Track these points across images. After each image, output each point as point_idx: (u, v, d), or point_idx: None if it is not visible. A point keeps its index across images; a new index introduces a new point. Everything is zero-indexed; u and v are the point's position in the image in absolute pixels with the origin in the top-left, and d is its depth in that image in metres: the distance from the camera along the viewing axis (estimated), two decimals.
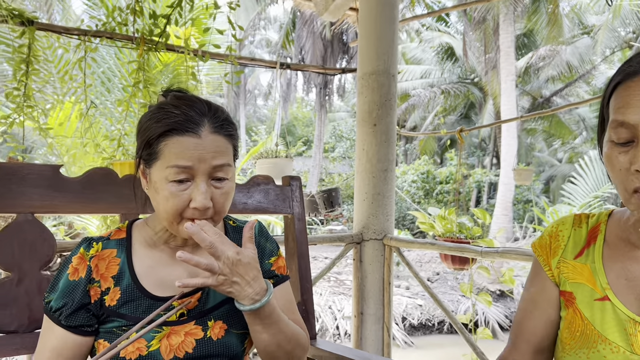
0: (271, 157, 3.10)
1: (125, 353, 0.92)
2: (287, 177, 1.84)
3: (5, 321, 1.34)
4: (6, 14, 2.10)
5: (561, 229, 1.01)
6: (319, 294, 9.80)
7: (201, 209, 0.92)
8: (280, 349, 1.00)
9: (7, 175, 1.41)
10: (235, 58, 2.48)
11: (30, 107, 2.17)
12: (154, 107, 0.97)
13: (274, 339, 0.99)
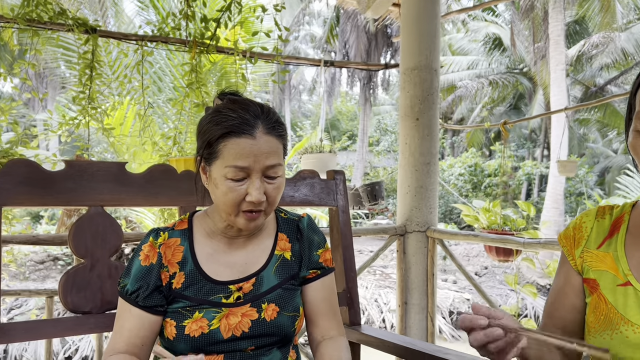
0: (316, 152, 3.20)
1: (190, 331, 1.03)
2: (332, 172, 1.93)
3: (81, 303, 1.49)
4: (72, 23, 2.28)
5: (585, 221, 1.07)
6: (365, 287, 9.88)
7: (256, 203, 1.03)
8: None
9: (79, 172, 1.56)
10: (281, 58, 2.59)
11: (94, 108, 2.34)
12: (212, 111, 1.08)
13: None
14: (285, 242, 1.19)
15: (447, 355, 1.49)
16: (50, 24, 2.27)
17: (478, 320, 0.86)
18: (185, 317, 1.05)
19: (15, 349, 7.09)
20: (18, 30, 2.23)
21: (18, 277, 9.21)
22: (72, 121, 2.26)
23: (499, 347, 0.85)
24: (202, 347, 1.04)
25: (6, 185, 1.44)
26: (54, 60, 6.66)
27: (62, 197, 1.54)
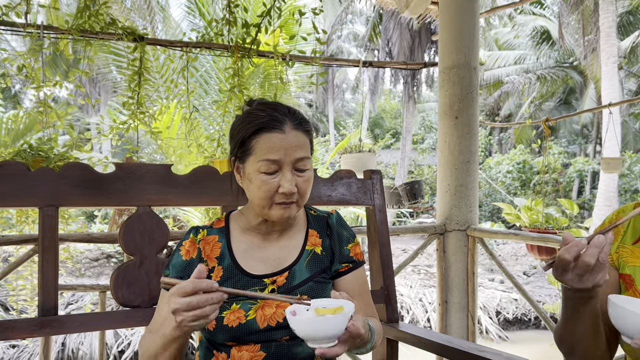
0: (355, 151, 3.24)
1: (228, 321, 1.10)
2: (368, 171, 1.97)
3: (131, 297, 1.59)
4: (121, 32, 2.40)
5: (621, 216, 1.06)
6: (409, 286, 9.82)
7: (288, 194, 1.10)
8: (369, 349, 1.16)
9: (128, 174, 1.66)
10: (319, 60, 2.64)
11: (143, 113, 2.46)
12: (243, 114, 1.17)
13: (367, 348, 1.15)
14: (316, 238, 1.24)
15: (483, 353, 1.50)
16: (102, 34, 2.39)
17: (580, 242, 0.92)
18: (223, 308, 1.11)
19: (72, 342, 7.45)
20: (72, 40, 2.37)
21: (74, 274, 9.66)
22: (123, 125, 2.38)
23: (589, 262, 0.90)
24: (240, 336, 1.10)
25: (62, 187, 1.55)
26: (106, 66, 6.95)
27: (113, 198, 1.65)
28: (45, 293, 1.50)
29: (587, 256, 0.90)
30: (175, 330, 0.95)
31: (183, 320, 0.89)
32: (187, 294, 0.89)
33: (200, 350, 1.21)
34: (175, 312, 0.89)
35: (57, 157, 2.11)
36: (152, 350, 1.04)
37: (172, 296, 0.90)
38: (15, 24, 2.28)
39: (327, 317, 0.94)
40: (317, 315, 0.96)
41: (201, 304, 0.89)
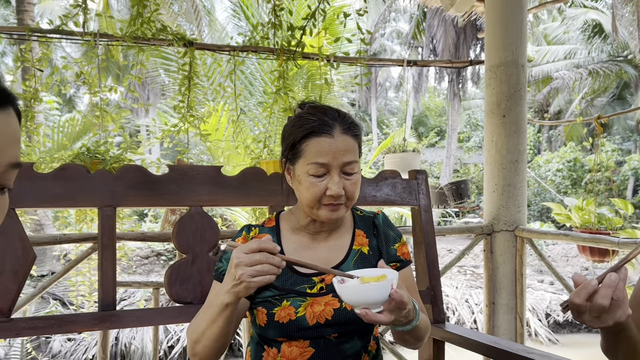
0: (399, 151, 3.23)
1: (279, 317, 1.14)
2: (413, 171, 1.97)
3: (184, 294, 1.65)
4: (172, 38, 2.49)
5: None
6: (455, 287, 9.68)
7: (335, 196, 1.13)
8: (415, 339, 1.19)
9: (181, 176, 1.73)
10: (364, 60, 2.65)
11: (192, 116, 2.54)
12: (295, 117, 1.20)
13: (414, 336, 1.17)
14: (363, 238, 1.27)
15: (531, 354, 1.49)
16: (153, 40, 2.49)
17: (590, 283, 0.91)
18: (274, 305, 1.15)
19: (125, 337, 7.72)
20: (126, 47, 2.47)
21: (127, 271, 10.01)
22: (174, 128, 2.47)
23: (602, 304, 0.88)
24: (290, 332, 1.14)
25: (119, 188, 1.63)
26: (155, 69, 7.16)
27: (166, 198, 1.72)
28: (104, 289, 1.58)
29: (599, 298, 0.88)
30: (230, 295, 1.01)
31: (243, 274, 0.95)
32: (252, 250, 0.96)
33: (251, 346, 1.25)
34: (238, 265, 0.95)
35: (113, 160, 2.20)
36: (201, 326, 1.10)
37: (237, 252, 0.97)
38: (74, 32, 2.40)
39: (371, 284, 0.98)
40: (362, 282, 1.00)
41: (263, 260, 0.95)
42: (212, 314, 1.06)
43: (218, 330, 1.07)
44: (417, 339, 1.17)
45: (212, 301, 1.09)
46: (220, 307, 1.04)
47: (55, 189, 1.57)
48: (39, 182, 1.55)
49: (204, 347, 1.10)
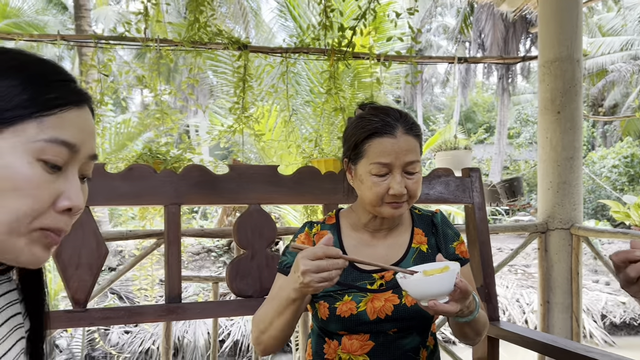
0: (450, 149, 3.22)
1: (341, 312, 1.18)
2: (467, 169, 1.98)
3: (244, 288, 1.72)
4: (227, 41, 2.58)
5: None
6: (505, 286, 9.49)
7: (398, 195, 1.16)
8: (475, 334, 1.21)
9: (239, 175, 1.80)
10: (414, 59, 2.67)
11: (247, 117, 2.62)
12: (357, 117, 1.24)
13: (473, 330, 1.19)
14: (421, 236, 1.29)
15: (589, 353, 1.47)
16: (209, 44, 2.58)
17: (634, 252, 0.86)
18: (336, 299, 1.20)
19: (178, 330, 7.98)
20: (181, 50, 2.57)
21: None
22: (230, 128, 2.56)
23: None
24: (351, 326, 1.18)
25: (183, 187, 1.72)
26: (203, 70, 7.33)
27: (226, 196, 1.79)
28: (170, 282, 1.67)
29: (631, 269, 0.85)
30: (296, 292, 1.05)
31: (311, 280, 0.99)
32: (317, 257, 0.99)
33: (312, 338, 1.30)
34: (305, 272, 0.99)
35: (173, 159, 2.31)
36: (268, 317, 1.15)
37: (303, 259, 1.00)
38: (136, 39, 2.52)
39: (437, 275, 1.01)
40: (425, 275, 1.03)
41: (329, 267, 0.99)
42: (279, 306, 1.12)
43: (284, 322, 1.12)
44: (477, 333, 1.20)
45: (278, 294, 1.15)
46: (287, 301, 1.10)
47: (124, 188, 1.67)
48: (110, 181, 1.65)
49: (270, 337, 1.16)
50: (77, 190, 0.62)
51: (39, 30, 10.92)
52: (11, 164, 0.56)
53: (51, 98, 0.59)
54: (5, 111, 0.57)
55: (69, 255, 1.55)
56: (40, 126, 0.58)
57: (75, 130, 0.61)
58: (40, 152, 0.57)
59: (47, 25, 14.48)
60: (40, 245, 0.60)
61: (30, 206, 0.57)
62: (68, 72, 0.65)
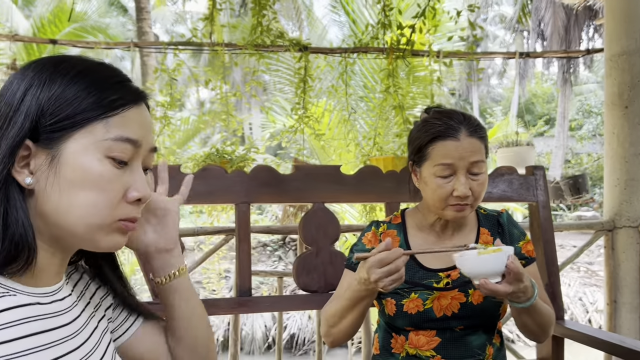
0: (512, 145, 3.17)
1: (408, 308, 1.23)
2: (531, 167, 1.97)
3: (310, 283, 1.79)
4: (288, 43, 2.65)
5: None
6: (567, 284, 9.19)
7: (462, 197, 1.19)
8: (537, 326, 1.23)
9: (305, 175, 1.87)
10: (475, 56, 2.65)
11: (307, 117, 2.69)
12: (421, 122, 1.28)
13: (535, 322, 1.21)
14: (487, 236, 1.31)
15: None
16: (272, 47, 2.67)
17: None
18: (403, 297, 1.24)
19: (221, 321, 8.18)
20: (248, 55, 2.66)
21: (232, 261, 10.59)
22: (291, 128, 2.64)
23: None
24: (418, 323, 1.23)
25: (252, 186, 1.80)
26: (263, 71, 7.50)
27: (292, 195, 1.87)
28: (241, 277, 1.76)
29: None
30: (367, 291, 1.12)
31: (385, 285, 1.06)
32: (384, 263, 1.05)
33: (379, 333, 1.35)
34: (377, 280, 1.05)
35: (239, 159, 2.41)
36: (338, 313, 1.21)
37: (372, 268, 1.06)
38: (203, 43, 2.63)
39: (488, 255, 1.06)
40: (480, 255, 1.08)
41: (398, 268, 1.05)
42: (349, 303, 1.18)
43: (354, 318, 1.19)
44: (539, 326, 1.21)
45: (347, 292, 1.20)
46: (357, 300, 1.16)
47: (199, 187, 1.77)
48: None
49: (339, 331, 1.22)
50: (143, 182, 0.68)
51: (102, 33, 11.45)
52: (85, 163, 0.62)
53: (114, 99, 0.65)
54: (75, 115, 0.62)
55: None
56: (107, 126, 0.64)
57: (137, 126, 0.67)
58: (109, 150, 0.64)
59: (109, 27, 15.11)
60: (119, 232, 0.68)
61: (106, 199, 0.64)
62: (124, 73, 0.71)
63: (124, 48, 2.54)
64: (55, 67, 0.64)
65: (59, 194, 0.61)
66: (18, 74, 0.65)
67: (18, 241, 0.59)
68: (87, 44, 2.51)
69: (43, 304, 0.64)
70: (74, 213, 0.62)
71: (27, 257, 0.60)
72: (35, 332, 0.60)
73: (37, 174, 0.62)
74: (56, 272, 0.68)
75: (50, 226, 0.63)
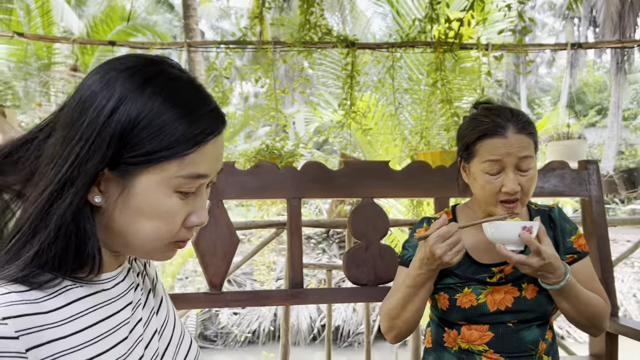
0: (563, 138, 3.10)
1: (461, 303, 1.25)
2: (584, 162, 1.94)
3: (359, 276, 1.83)
4: (335, 40, 2.69)
5: None
6: (620, 280, 8.89)
7: (511, 193, 1.20)
8: (580, 314, 1.23)
9: (353, 171, 1.91)
10: (524, 48, 2.61)
11: (354, 112, 2.72)
12: (469, 119, 1.29)
13: (574, 308, 1.21)
14: None
15: None
16: (319, 43, 2.71)
17: None
18: (456, 291, 1.26)
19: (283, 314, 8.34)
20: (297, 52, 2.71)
21: (281, 253, 10.76)
22: (339, 123, 2.68)
23: None
24: (471, 317, 1.24)
25: (303, 182, 1.86)
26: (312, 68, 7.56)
27: (341, 191, 1.91)
28: (294, 269, 1.82)
29: None
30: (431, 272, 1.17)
31: (451, 258, 1.12)
32: (446, 237, 1.11)
33: (432, 327, 1.38)
34: (443, 254, 1.11)
35: (288, 154, 2.47)
36: (399, 304, 1.25)
37: (435, 244, 1.12)
38: (252, 42, 2.70)
39: (506, 222, 1.15)
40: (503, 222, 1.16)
41: (458, 240, 1.12)
42: (410, 291, 1.21)
43: (416, 306, 1.22)
44: (582, 314, 1.21)
45: (407, 280, 1.23)
46: (419, 285, 1.20)
47: (252, 183, 1.83)
48: (239, 177, 1.83)
49: (403, 322, 1.25)
50: (204, 209, 0.70)
51: (150, 31, 11.75)
52: (155, 198, 0.64)
53: (198, 133, 0.64)
54: (155, 152, 0.62)
55: (206, 245, 1.75)
56: (181, 164, 0.63)
57: (210, 161, 0.67)
58: (178, 186, 0.65)
59: (157, 24, 15.47)
60: (172, 251, 0.72)
61: (169, 228, 0.67)
62: (211, 95, 0.70)
63: (177, 49, 2.64)
64: (146, 82, 0.63)
65: (125, 219, 0.65)
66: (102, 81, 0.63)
67: (86, 254, 0.63)
68: (143, 45, 2.62)
69: (107, 290, 0.69)
70: (138, 237, 0.66)
71: (92, 267, 0.64)
72: (103, 319, 0.66)
73: (106, 195, 0.64)
74: (118, 260, 0.74)
75: (114, 239, 0.68)
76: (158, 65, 0.65)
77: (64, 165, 0.60)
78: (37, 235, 0.60)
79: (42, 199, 0.60)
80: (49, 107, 2.56)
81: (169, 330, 0.80)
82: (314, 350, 7.73)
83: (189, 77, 0.68)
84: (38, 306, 0.58)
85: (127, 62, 0.65)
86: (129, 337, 0.69)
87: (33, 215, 0.60)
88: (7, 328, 0.53)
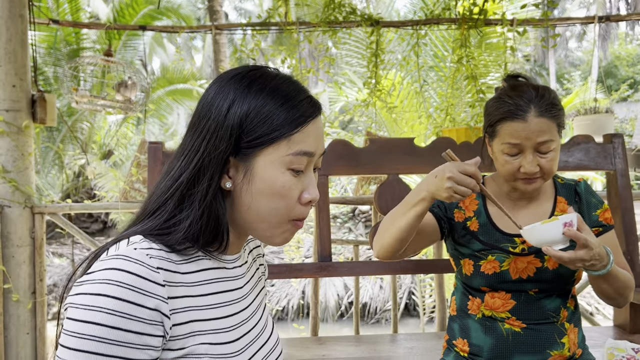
0: (590, 113, 3.07)
1: (485, 269, 1.30)
2: (609, 135, 1.95)
3: None
4: (360, 19, 2.71)
5: None
6: None
7: (529, 174, 1.25)
8: (615, 292, 1.26)
9: (379, 148, 1.96)
10: (550, 22, 2.60)
11: (379, 90, 2.75)
12: (495, 97, 1.32)
13: (612, 287, 1.25)
14: (564, 205, 1.35)
15: None
16: (344, 23, 2.74)
17: None
18: (480, 258, 1.31)
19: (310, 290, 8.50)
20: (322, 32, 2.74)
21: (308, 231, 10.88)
22: (364, 102, 2.71)
23: None
24: (494, 283, 1.30)
25: (331, 159, 1.92)
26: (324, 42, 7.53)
27: (367, 167, 1.97)
28: (322, 244, 1.89)
29: None
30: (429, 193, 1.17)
31: (451, 187, 1.12)
32: (467, 172, 1.12)
33: (456, 295, 1.43)
34: (450, 178, 1.11)
35: None
36: (392, 216, 1.28)
37: (453, 167, 1.13)
38: (278, 23, 2.74)
39: (546, 225, 1.12)
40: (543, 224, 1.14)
41: (469, 185, 1.12)
42: (406, 206, 1.23)
43: (405, 223, 1.22)
44: (617, 291, 1.24)
45: (408, 195, 1.26)
46: (415, 201, 1.20)
47: None
48: None
49: (389, 237, 1.27)
50: (314, 186, 0.80)
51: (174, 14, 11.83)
52: (271, 176, 0.75)
53: (297, 116, 0.75)
54: (268, 134, 0.73)
55: None
56: (289, 143, 0.74)
57: (313, 140, 0.77)
58: (289, 163, 0.75)
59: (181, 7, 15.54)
60: (290, 231, 0.82)
61: (286, 204, 0.77)
62: (305, 87, 0.81)
63: (205, 31, 2.70)
64: (252, 83, 0.75)
65: (249, 199, 0.76)
66: (217, 88, 0.77)
67: (218, 232, 0.76)
68: (173, 29, 2.69)
69: (228, 269, 0.82)
70: (260, 215, 0.77)
71: (221, 242, 0.76)
72: (221, 291, 0.78)
73: (234, 180, 0.76)
74: (238, 245, 0.85)
75: (239, 219, 0.79)
76: (258, 70, 0.78)
77: (195, 155, 0.74)
78: (184, 212, 0.73)
79: (181, 183, 0.74)
80: (85, 91, 2.66)
81: (267, 332, 0.89)
82: (342, 327, 7.86)
83: (285, 75, 0.80)
84: (177, 266, 0.72)
85: (235, 71, 0.79)
86: (246, 310, 0.82)
87: (176, 195, 0.74)
88: (159, 276, 0.67)
